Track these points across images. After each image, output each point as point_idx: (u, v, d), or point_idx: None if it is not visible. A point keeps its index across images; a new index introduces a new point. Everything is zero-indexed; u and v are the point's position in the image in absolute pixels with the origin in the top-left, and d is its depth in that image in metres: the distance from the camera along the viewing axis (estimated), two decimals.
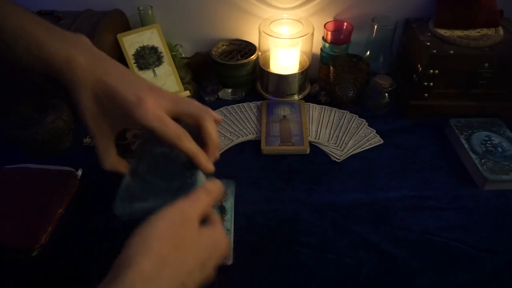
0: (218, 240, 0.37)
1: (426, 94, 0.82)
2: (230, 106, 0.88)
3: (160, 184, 0.40)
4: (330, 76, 0.87)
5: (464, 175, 0.73)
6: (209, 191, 0.37)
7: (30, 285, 0.57)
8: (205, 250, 0.35)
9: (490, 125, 0.80)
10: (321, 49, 0.91)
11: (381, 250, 0.60)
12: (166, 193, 0.39)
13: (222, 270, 0.57)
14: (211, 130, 0.40)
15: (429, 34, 0.81)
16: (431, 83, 0.80)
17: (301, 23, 0.86)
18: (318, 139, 0.80)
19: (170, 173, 0.41)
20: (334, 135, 0.81)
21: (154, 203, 0.38)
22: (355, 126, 0.83)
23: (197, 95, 0.92)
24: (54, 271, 0.58)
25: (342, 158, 0.76)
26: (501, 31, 0.80)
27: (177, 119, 0.40)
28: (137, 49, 0.84)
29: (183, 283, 0.32)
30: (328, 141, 0.80)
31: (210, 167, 0.40)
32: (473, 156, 0.72)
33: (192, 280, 0.33)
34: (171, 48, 0.90)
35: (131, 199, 0.40)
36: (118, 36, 0.82)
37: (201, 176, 0.40)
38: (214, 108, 0.86)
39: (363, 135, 0.81)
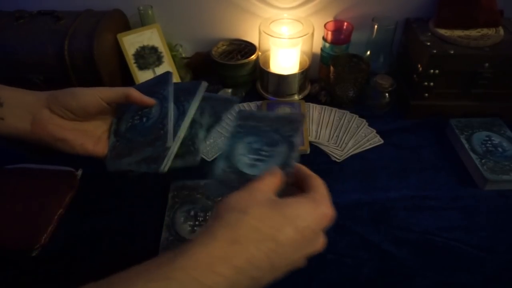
0: (301, 209, 0.34)
1: (426, 94, 0.82)
2: None
3: (139, 139, 0.49)
4: (330, 76, 0.87)
5: (464, 175, 0.72)
6: (272, 173, 0.38)
7: (30, 285, 0.57)
8: (282, 216, 0.33)
9: (490, 125, 0.80)
10: (321, 49, 0.91)
11: (381, 250, 0.60)
12: (145, 145, 0.48)
13: None
14: (135, 92, 0.49)
15: (429, 34, 0.81)
16: (431, 83, 0.79)
17: (301, 23, 0.86)
18: (318, 139, 0.80)
19: (145, 129, 0.49)
20: (334, 135, 0.81)
21: (136, 156, 0.48)
22: (355, 126, 0.83)
23: None
24: (54, 271, 0.58)
25: (342, 158, 0.76)
26: (501, 31, 0.80)
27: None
28: (137, 49, 0.84)
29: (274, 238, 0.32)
30: (328, 141, 0.80)
31: (146, 100, 0.50)
32: (473, 156, 0.72)
33: (283, 235, 0.32)
34: (171, 48, 0.90)
35: (119, 157, 0.48)
36: (118, 36, 0.82)
37: (170, 126, 0.48)
38: None
39: (363, 135, 0.81)
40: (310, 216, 0.34)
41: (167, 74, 0.53)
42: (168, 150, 0.47)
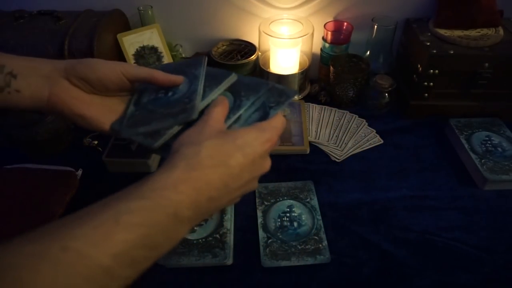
0: (248, 136, 0.39)
1: (426, 94, 0.82)
2: None
3: (161, 111, 0.45)
4: (330, 76, 0.87)
5: (464, 175, 0.73)
6: (219, 103, 0.42)
7: None
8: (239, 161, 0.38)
9: (490, 125, 0.80)
10: (321, 49, 0.91)
11: (381, 250, 0.60)
12: (168, 117, 0.44)
13: (222, 270, 0.58)
14: (160, 75, 0.46)
15: (429, 34, 0.81)
16: (431, 83, 0.80)
17: (301, 23, 0.86)
18: (318, 139, 0.80)
19: (169, 102, 0.46)
20: (334, 135, 0.81)
21: (156, 125, 0.44)
22: (355, 126, 0.83)
23: None
24: None
25: (342, 158, 0.76)
26: (501, 31, 0.80)
27: None
28: (137, 49, 0.84)
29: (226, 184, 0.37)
30: (328, 141, 0.80)
31: (173, 78, 0.46)
32: (473, 156, 0.72)
33: (236, 184, 0.38)
34: (171, 48, 0.90)
35: (135, 125, 0.45)
36: (118, 36, 0.82)
37: (198, 102, 0.45)
38: None
39: (363, 135, 0.81)
40: (256, 142, 0.38)
41: (201, 58, 0.50)
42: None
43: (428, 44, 0.78)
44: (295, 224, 0.63)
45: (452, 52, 0.76)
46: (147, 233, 0.30)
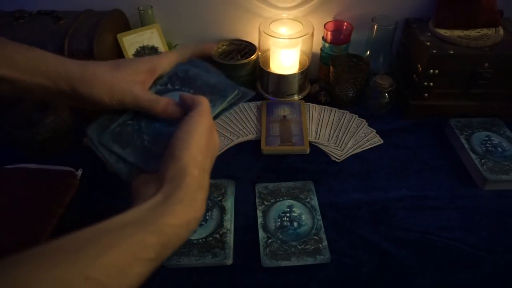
0: (217, 140, 0.45)
1: (426, 94, 0.82)
2: None
3: (145, 139, 0.43)
4: (330, 76, 0.87)
5: (464, 175, 0.73)
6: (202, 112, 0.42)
7: None
8: (214, 149, 0.43)
9: (490, 125, 0.80)
10: (321, 49, 0.91)
11: (381, 250, 0.60)
12: (140, 154, 0.42)
13: (222, 270, 0.58)
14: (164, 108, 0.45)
15: (429, 34, 0.81)
16: (431, 83, 0.80)
17: (301, 23, 0.86)
18: (318, 139, 0.80)
19: (158, 132, 0.44)
20: (334, 135, 0.81)
21: (126, 156, 0.42)
22: (355, 126, 0.83)
23: None
24: None
25: (342, 158, 0.76)
26: (501, 31, 0.80)
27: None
28: (137, 49, 0.84)
29: (205, 179, 0.40)
30: (328, 141, 0.80)
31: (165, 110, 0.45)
32: (473, 156, 0.72)
33: (207, 168, 0.41)
34: (171, 48, 0.90)
35: (116, 138, 0.43)
36: (118, 36, 0.82)
37: None
38: None
39: (363, 135, 0.81)
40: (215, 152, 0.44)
41: (244, 95, 0.46)
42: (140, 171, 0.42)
43: (428, 44, 0.78)
44: (295, 224, 0.63)
45: (452, 52, 0.76)
46: (155, 265, 0.34)
